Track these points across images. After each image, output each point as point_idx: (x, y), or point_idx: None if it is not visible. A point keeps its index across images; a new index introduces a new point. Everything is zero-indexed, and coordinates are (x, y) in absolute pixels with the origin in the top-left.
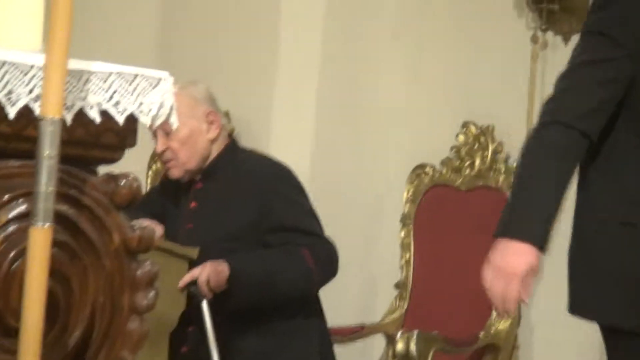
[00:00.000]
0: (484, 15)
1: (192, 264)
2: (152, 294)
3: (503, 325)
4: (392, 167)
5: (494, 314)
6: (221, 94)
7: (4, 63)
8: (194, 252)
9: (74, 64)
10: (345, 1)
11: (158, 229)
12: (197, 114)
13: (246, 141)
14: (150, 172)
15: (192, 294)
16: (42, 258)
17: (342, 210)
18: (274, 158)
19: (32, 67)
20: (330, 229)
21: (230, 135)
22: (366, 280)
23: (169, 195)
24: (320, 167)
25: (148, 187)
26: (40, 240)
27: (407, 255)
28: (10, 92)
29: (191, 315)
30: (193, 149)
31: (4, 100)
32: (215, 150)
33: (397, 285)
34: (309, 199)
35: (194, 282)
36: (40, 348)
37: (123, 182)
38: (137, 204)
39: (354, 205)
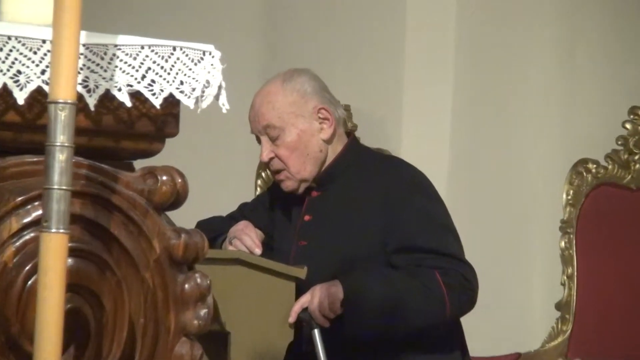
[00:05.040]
0: None
1: (301, 285)
2: (204, 312)
3: None
4: (546, 165)
5: None
6: (340, 86)
7: (9, 39)
8: (301, 272)
9: (96, 38)
10: None
11: (257, 247)
12: (305, 111)
13: (372, 141)
14: (259, 182)
15: (302, 321)
16: (57, 270)
17: (488, 218)
18: (404, 160)
19: (44, 43)
20: (473, 240)
21: (350, 132)
22: (520, 301)
23: (279, 206)
24: (460, 169)
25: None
26: (53, 249)
27: (569, 270)
28: (18, 73)
29: (303, 348)
30: (305, 154)
31: (10, 83)
32: (333, 152)
33: (558, 306)
34: (446, 210)
35: (304, 309)
36: None
37: (164, 177)
38: (237, 216)
39: (501, 212)
